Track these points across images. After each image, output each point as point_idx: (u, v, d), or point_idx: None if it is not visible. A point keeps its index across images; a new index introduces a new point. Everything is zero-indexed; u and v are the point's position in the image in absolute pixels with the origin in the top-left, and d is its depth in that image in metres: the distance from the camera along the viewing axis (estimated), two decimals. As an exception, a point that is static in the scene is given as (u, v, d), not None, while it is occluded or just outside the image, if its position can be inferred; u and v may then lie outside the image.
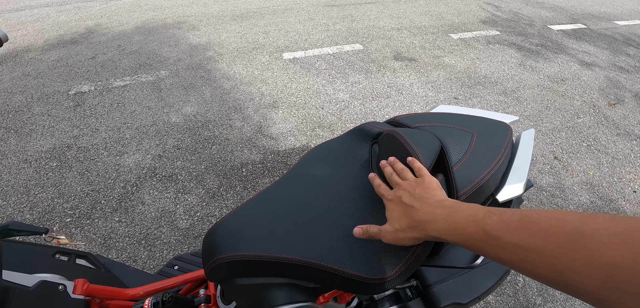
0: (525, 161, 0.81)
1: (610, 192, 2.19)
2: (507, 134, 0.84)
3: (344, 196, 0.75)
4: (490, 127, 0.85)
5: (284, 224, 0.72)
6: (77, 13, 4.33)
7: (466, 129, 0.82)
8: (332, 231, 0.70)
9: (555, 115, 2.88)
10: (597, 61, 3.82)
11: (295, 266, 0.67)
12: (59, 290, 0.81)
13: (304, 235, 0.70)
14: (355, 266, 0.64)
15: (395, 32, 4.18)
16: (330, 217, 0.72)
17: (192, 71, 3.18)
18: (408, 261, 0.64)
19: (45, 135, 2.42)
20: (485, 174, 0.74)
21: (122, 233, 1.83)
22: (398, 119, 0.91)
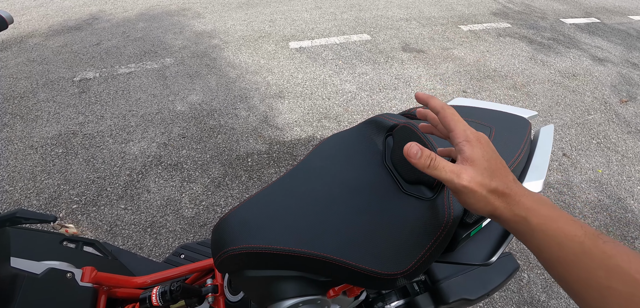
0: (544, 158, 0.79)
1: (618, 190, 2.19)
2: (526, 129, 0.82)
3: (357, 190, 0.74)
4: (508, 122, 0.83)
5: (296, 217, 0.72)
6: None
7: (484, 123, 0.81)
8: (345, 225, 0.69)
9: (566, 111, 2.87)
10: (610, 56, 3.77)
11: (307, 260, 0.67)
12: (67, 278, 0.83)
13: (317, 229, 0.69)
14: (368, 261, 0.63)
15: (404, 23, 4.15)
16: (342, 211, 0.71)
17: (197, 59, 3.19)
18: (423, 258, 0.63)
19: (50, 121, 2.45)
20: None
21: (128, 221, 1.86)
22: (414, 111, 0.88)
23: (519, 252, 1.82)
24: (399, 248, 0.64)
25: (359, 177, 0.77)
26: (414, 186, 0.71)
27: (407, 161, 0.70)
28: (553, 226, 0.39)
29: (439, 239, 0.64)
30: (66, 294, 0.82)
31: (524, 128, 0.82)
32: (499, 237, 0.78)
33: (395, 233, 0.66)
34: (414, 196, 0.70)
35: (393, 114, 0.89)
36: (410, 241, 0.64)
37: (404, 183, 0.73)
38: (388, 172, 0.76)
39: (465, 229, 0.70)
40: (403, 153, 0.43)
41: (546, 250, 0.39)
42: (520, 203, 0.41)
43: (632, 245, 1.89)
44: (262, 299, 0.75)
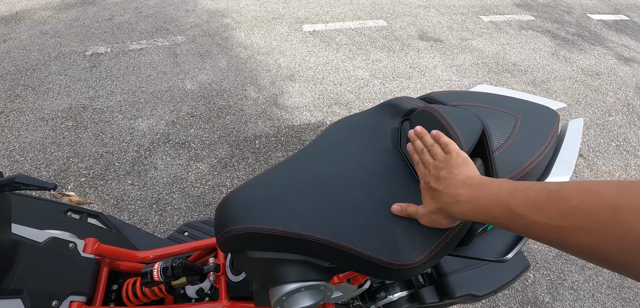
0: (572, 153, 0.77)
1: (637, 195, 2.16)
2: (554, 121, 0.78)
3: (369, 174, 0.72)
4: (535, 112, 0.79)
5: (302, 199, 0.70)
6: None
7: (510, 112, 0.77)
8: (354, 210, 0.67)
9: (586, 110, 2.82)
10: (637, 56, 3.68)
11: (312, 244, 0.66)
12: (69, 248, 0.84)
13: (324, 213, 0.68)
14: (377, 249, 0.62)
15: (423, 10, 4.10)
16: (353, 195, 0.69)
17: (208, 38, 3.22)
18: (434, 250, 0.62)
19: (61, 94, 2.52)
20: (529, 163, 0.69)
21: (134, 196, 1.92)
22: (433, 96, 0.85)
23: (526, 251, 1.82)
24: (410, 239, 0.62)
25: (371, 162, 0.75)
26: None
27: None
28: (484, 215, 0.47)
29: (454, 231, 0.62)
30: (68, 264, 0.83)
31: (552, 120, 0.78)
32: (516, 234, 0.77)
33: (407, 223, 0.64)
34: None
35: (411, 97, 0.86)
36: (423, 232, 0.62)
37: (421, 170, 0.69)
38: (403, 158, 0.74)
39: (482, 224, 0.69)
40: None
41: (493, 224, 0.47)
42: (453, 208, 0.52)
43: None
44: (264, 281, 0.75)
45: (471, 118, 0.71)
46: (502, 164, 0.67)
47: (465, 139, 0.65)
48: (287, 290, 0.71)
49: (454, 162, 0.57)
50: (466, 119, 0.70)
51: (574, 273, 1.75)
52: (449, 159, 0.58)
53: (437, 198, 0.55)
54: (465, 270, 0.98)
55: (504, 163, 0.67)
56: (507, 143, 0.69)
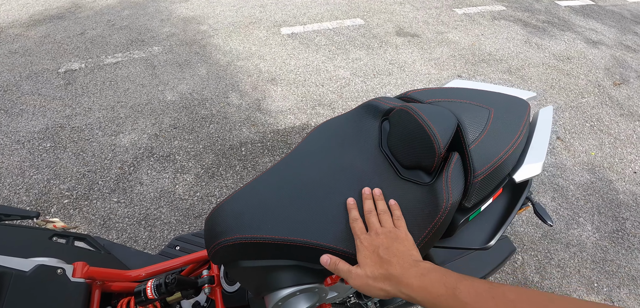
0: (543, 140, 0.81)
1: (610, 173, 2.27)
2: (525, 111, 0.82)
3: (353, 176, 0.75)
4: (507, 103, 0.83)
5: (290, 205, 0.72)
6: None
7: (483, 105, 0.81)
8: (341, 212, 0.69)
9: (560, 94, 2.94)
10: (604, 39, 3.85)
11: (303, 249, 0.67)
12: (57, 274, 0.81)
13: (312, 217, 0.69)
14: None
15: (398, 6, 4.17)
16: (338, 199, 0.71)
17: (186, 47, 3.19)
18: (420, 244, 0.65)
19: (36, 115, 2.45)
20: (504, 153, 0.73)
21: (121, 214, 1.89)
22: (410, 94, 0.89)
23: (513, 235, 1.89)
24: None
25: (354, 163, 0.77)
26: (411, 171, 0.73)
27: (404, 145, 0.74)
28: (428, 294, 0.50)
29: (438, 224, 0.65)
30: (57, 291, 0.80)
31: (523, 110, 0.82)
32: (497, 221, 0.81)
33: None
34: (412, 182, 0.71)
35: (389, 97, 0.89)
36: (408, 226, 0.65)
37: (401, 168, 0.74)
38: (384, 157, 0.77)
39: (463, 214, 0.72)
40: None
41: (433, 307, 0.49)
42: (402, 282, 0.53)
43: (622, 225, 1.98)
44: (259, 289, 0.76)
45: (446, 114, 0.74)
46: (478, 156, 0.70)
47: (442, 135, 0.69)
48: (282, 296, 0.72)
49: (404, 240, 0.60)
50: (441, 116, 0.73)
51: (559, 251, 1.83)
52: (399, 235, 0.61)
53: (387, 268, 0.55)
54: (455, 259, 1.00)
55: (479, 155, 0.71)
56: (481, 136, 0.73)
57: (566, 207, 2.05)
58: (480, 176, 0.69)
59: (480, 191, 0.71)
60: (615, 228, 1.96)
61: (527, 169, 0.76)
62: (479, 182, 0.70)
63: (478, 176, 0.69)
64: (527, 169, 0.76)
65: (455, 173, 0.69)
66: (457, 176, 0.69)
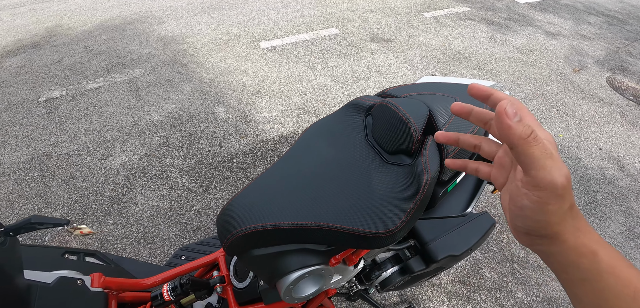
0: None
1: (578, 151, 2.44)
2: None
3: (346, 165, 0.86)
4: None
5: (294, 194, 0.81)
6: (34, 15, 4.16)
7: (449, 95, 0.94)
8: (338, 196, 0.80)
9: (526, 84, 3.12)
10: (561, 30, 4.11)
11: (307, 231, 0.76)
12: (77, 284, 0.85)
13: (314, 202, 0.79)
14: (363, 224, 0.75)
15: (370, 14, 4.31)
16: (334, 185, 0.82)
17: (168, 67, 3.18)
18: (409, 216, 0.76)
19: (20, 145, 2.39)
20: (470, 131, 0.84)
21: (119, 235, 1.88)
22: (388, 91, 1.01)
23: (496, 216, 2.00)
24: (388, 210, 0.76)
25: (345, 155, 0.88)
26: (394, 155, 0.85)
27: (387, 134, 0.86)
28: (620, 271, 0.33)
29: (421, 196, 0.76)
30: (79, 300, 0.84)
31: None
32: (471, 191, 0.92)
33: (383, 197, 0.78)
34: (396, 165, 0.83)
35: (370, 95, 1.01)
36: (397, 203, 0.77)
37: (386, 154, 0.86)
38: (371, 147, 0.88)
39: (442, 186, 0.84)
40: (497, 110, 0.32)
41: (602, 295, 0.33)
42: (590, 233, 0.34)
43: (594, 198, 2.13)
44: (271, 276, 0.83)
45: (419, 104, 0.87)
46: None
47: (417, 122, 0.81)
48: (292, 279, 0.81)
49: None
50: (416, 106, 0.86)
51: (539, 228, 1.94)
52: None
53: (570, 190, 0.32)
54: (442, 236, 1.11)
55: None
56: (451, 120, 0.86)
57: (542, 186, 2.18)
58: (452, 152, 0.82)
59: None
60: (588, 200, 2.11)
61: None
62: (452, 157, 0.82)
63: (451, 152, 0.82)
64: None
65: (431, 152, 0.81)
66: (433, 155, 0.81)
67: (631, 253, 1.87)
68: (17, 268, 0.70)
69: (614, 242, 1.91)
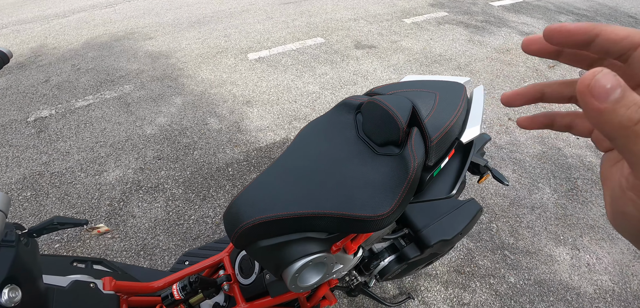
0: (478, 110, 1.03)
1: (557, 142, 2.54)
2: (462, 91, 1.05)
3: (341, 159, 0.93)
4: (448, 87, 1.06)
5: (294, 187, 0.87)
6: (18, 36, 4.10)
7: (430, 91, 1.03)
8: (337, 186, 0.86)
9: (505, 82, 3.23)
10: (534, 29, 4.28)
11: (310, 219, 0.82)
12: (91, 288, 0.87)
13: (313, 193, 0.85)
14: (359, 209, 0.82)
15: (353, 23, 4.40)
16: (332, 177, 0.89)
17: (158, 82, 3.18)
18: (400, 200, 0.83)
19: (11, 166, 2.34)
20: (450, 121, 0.94)
21: (118, 249, 1.86)
22: (374, 90, 1.09)
23: (485, 206, 2.07)
24: (381, 195, 0.83)
25: (340, 149, 0.96)
26: (384, 147, 0.93)
27: (376, 128, 0.95)
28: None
29: (410, 181, 0.84)
30: (93, 302, 0.87)
31: (460, 90, 1.05)
32: (455, 173, 1.00)
33: (377, 184, 0.86)
34: (386, 155, 0.91)
35: (358, 95, 1.10)
36: (389, 188, 0.84)
37: (377, 147, 0.94)
38: (363, 141, 0.96)
39: (428, 172, 0.92)
40: (579, 85, 0.21)
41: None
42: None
43: (575, 184, 2.22)
44: (277, 266, 0.89)
45: (404, 100, 0.95)
46: (431, 126, 0.91)
47: (402, 115, 0.90)
48: (297, 267, 0.87)
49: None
50: (400, 102, 0.94)
51: (527, 215, 2.02)
52: None
53: None
54: (434, 223, 1.19)
55: (432, 126, 0.92)
56: (432, 112, 0.94)
57: (526, 176, 2.26)
58: (435, 140, 0.90)
59: (437, 151, 0.92)
60: (569, 187, 2.20)
61: (469, 132, 0.98)
62: (435, 145, 0.90)
63: (433, 140, 0.89)
64: (470, 132, 0.97)
65: (417, 141, 0.89)
66: (419, 143, 0.89)
67: (612, 233, 1.96)
68: (38, 270, 0.71)
69: (597, 224, 2.00)
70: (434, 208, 1.24)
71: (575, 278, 1.76)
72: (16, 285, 0.61)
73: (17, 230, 0.69)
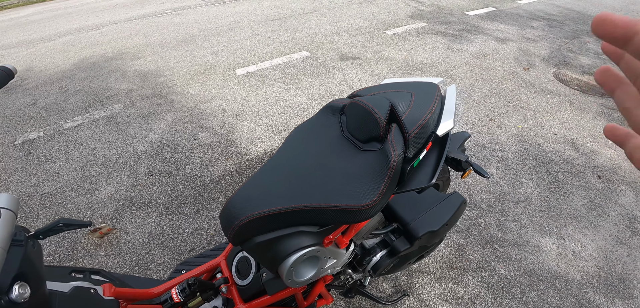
0: (451, 106, 1.10)
1: (536, 138, 2.61)
2: (435, 89, 1.12)
3: (328, 156, 0.99)
4: (423, 87, 1.13)
5: (285, 183, 0.92)
6: (2, 61, 4.02)
7: (407, 91, 1.10)
8: (325, 181, 0.91)
9: (484, 85, 3.32)
10: (509, 36, 4.42)
11: (302, 212, 0.86)
12: (92, 293, 0.87)
13: (304, 187, 0.90)
14: (346, 200, 0.87)
15: (337, 36, 4.47)
16: (320, 172, 0.94)
17: (147, 100, 3.15)
18: (383, 190, 0.89)
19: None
20: (425, 116, 1.00)
21: (112, 266, 1.82)
22: (356, 93, 1.16)
23: (472, 202, 2.10)
24: (366, 187, 0.89)
25: (327, 148, 1.01)
26: (367, 143, 0.99)
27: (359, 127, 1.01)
28: None
29: (392, 172, 0.90)
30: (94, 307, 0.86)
31: (434, 89, 1.13)
32: (434, 163, 1.05)
33: (362, 177, 0.91)
34: (369, 151, 0.97)
35: (342, 98, 1.16)
36: (372, 180, 0.90)
37: (361, 144, 1.00)
38: (348, 140, 1.03)
39: (408, 163, 0.97)
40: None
41: None
42: None
43: (556, 177, 2.28)
44: (273, 261, 0.93)
45: (383, 99, 1.01)
46: (408, 122, 0.97)
47: (381, 112, 0.96)
48: (292, 261, 0.91)
49: None
50: (379, 101, 1.00)
51: (512, 209, 2.06)
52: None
53: None
54: (420, 216, 1.24)
55: (409, 121, 0.98)
56: (408, 109, 1.01)
57: (509, 172, 2.32)
58: (412, 133, 0.96)
59: (415, 143, 0.97)
60: (551, 180, 2.26)
61: (444, 125, 1.04)
62: (413, 138, 0.96)
63: (411, 133, 0.95)
64: (444, 125, 1.04)
65: (396, 136, 0.95)
66: (398, 138, 0.95)
67: (594, 221, 2.01)
68: (44, 272, 0.72)
69: (579, 214, 2.05)
70: (420, 202, 1.30)
71: (563, 266, 1.80)
72: (25, 283, 0.63)
73: (25, 233, 0.71)
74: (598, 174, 2.33)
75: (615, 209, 2.10)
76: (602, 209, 2.10)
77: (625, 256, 1.86)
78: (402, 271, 1.76)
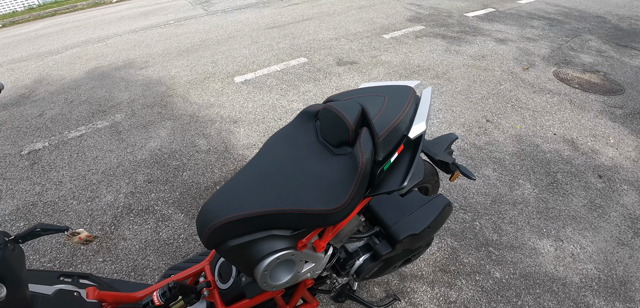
0: (425, 108, 1.09)
1: (535, 139, 2.55)
2: (409, 92, 1.12)
3: (302, 160, 0.99)
4: (397, 90, 1.13)
5: (258, 188, 0.92)
6: (12, 74, 4.10)
7: (380, 94, 1.10)
8: (296, 184, 0.92)
9: (482, 86, 3.27)
10: (508, 36, 4.36)
11: (273, 216, 0.87)
12: (74, 296, 0.88)
13: (276, 192, 0.90)
14: (316, 204, 0.88)
15: (334, 42, 4.45)
16: (293, 178, 0.94)
17: (148, 109, 3.18)
18: (351, 194, 0.90)
19: (4, 198, 2.31)
20: (395, 120, 1.00)
21: (109, 271, 1.82)
22: (331, 97, 1.16)
23: (467, 205, 2.06)
24: (335, 190, 0.90)
25: (301, 154, 1.02)
26: (339, 148, 1.00)
27: (331, 133, 1.02)
28: None
29: (360, 176, 0.91)
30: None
31: (407, 92, 1.12)
32: (406, 166, 1.04)
33: (332, 181, 0.92)
34: (341, 155, 0.98)
35: (317, 104, 1.17)
36: (342, 183, 0.91)
37: (333, 148, 1.01)
38: (322, 144, 1.04)
39: (378, 166, 0.97)
40: None
41: None
42: None
43: (555, 178, 2.22)
44: (247, 264, 0.92)
45: (354, 104, 1.02)
46: (378, 125, 0.97)
47: (350, 117, 0.97)
48: (265, 264, 0.91)
49: None
50: (350, 106, 1.01)
51: (509, 211, 2.01)
52: None
53: None
54: (402, 219, 1.23)
55: (379, 124, 0.97)
56: (380, 112, 1.01)
57: (506, 174, 2.26)
58: (382, 136, 0.95)
59: (385, 146, 0.97)
60: (549, 181, 2.20)
61: (415, 128, 1.03)
62: (382, 141, 0.95)
63: (380, 137, 0.95)
64: (416, 128, 1.03)
65: (365, 139, 0.95)
66: (367, 141, 0.95)
67: (595, 222, 1.95)
68: (24, 275, 0.74)
69: (579, 215, 1.99)
70: (404, 205, 1.28)
71: (561, 269, 1.74)
72: (2, 284, 0.64)
73: (5, 237, 0.73)
74: (599, 174, 2.26)
75: (617, 209, 2.03)
76: (603, 209, 2.03)
77: (627, 258, 1.79)
78: (392, 275, 1.73)
